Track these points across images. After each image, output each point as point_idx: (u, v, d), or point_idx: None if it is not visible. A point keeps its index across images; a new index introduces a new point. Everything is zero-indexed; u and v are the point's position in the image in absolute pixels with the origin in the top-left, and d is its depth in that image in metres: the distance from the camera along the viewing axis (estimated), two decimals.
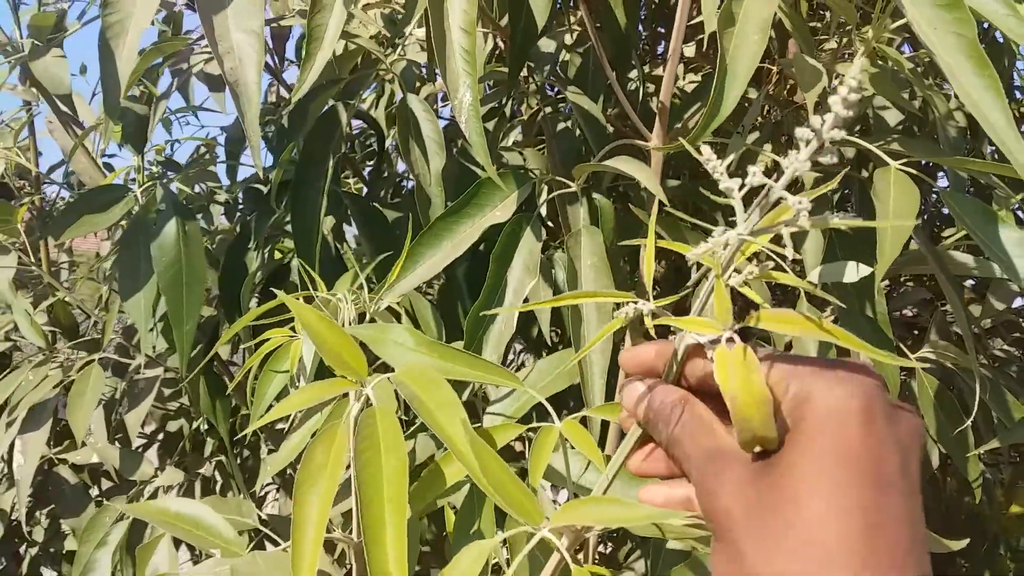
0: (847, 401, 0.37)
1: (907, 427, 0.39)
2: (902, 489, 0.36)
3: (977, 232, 0.76)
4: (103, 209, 1.03)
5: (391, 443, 0.55)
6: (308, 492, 0.55)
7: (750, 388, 0.38)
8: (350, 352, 0.62)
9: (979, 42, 0.57)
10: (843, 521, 0.35)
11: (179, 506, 0.75)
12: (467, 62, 0.77)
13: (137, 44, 0.78)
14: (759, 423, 0.38)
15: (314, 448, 0.57)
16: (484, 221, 0.86)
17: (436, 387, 0.58)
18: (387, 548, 0.52)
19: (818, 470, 0.36)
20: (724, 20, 0.64)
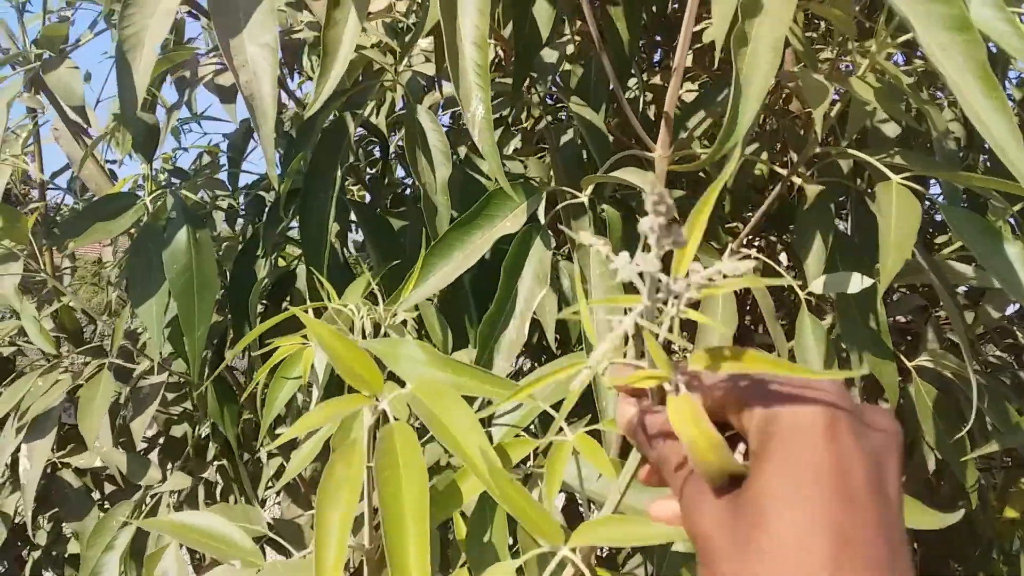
0: (811, 418, 0.37)
1: (880, 435, 0.38)
2: (875, 502, 0.36)
3: (976, 246, 0.78)
4: (113, 217, 1.04)
5: (410, 459, 0.56)
6: (329, 507, 0.56)
7: (703, 434, 0.38)
8: (365, 366, 0.63)
9: (989, 64, 0.58)
10: (811, 541, 0.34)
11: (192, 519, 0.76)
12: (479, 76, 0.78)
13: (154, 57, 0.80)
14: (718, 464, 0.38)
15: (334, 464, 0.58)
16: (495, 232, 0.87)
17: (452, 404, 0.59)
18: (410, 564, 0.53)
19: (785, 491, 0.36)
20: (738, 40, 0.65)
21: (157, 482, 1.35)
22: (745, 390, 0.39)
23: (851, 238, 1.06)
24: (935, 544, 1.77)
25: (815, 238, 0.96)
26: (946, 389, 1.18)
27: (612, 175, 0.86)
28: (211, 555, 0.74)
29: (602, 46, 0.93)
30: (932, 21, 0.62)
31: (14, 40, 1.11)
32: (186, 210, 1.05)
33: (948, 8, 0.60)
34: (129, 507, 1.29)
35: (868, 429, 0.38)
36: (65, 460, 1.52)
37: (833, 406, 0.37)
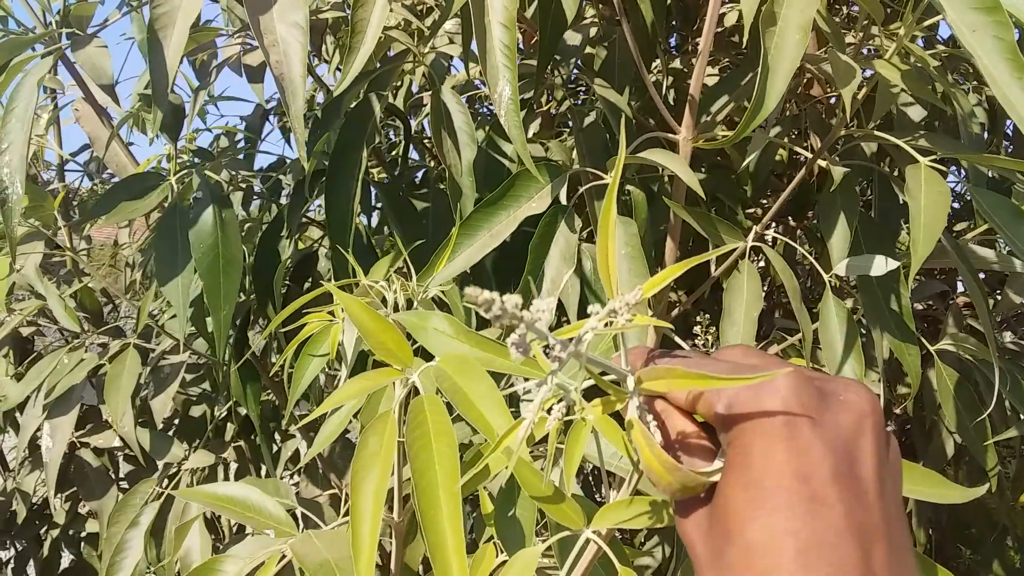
0: (767, 421, 0.36)
1: (852, 413, 0.37)
2: (842, 496, 0.34)
3: (1005, 230, 0.78)
4: (140, 196, 1.05)
5: (441, 429, 0.57)
6: (364, 479, 0.57)
7: (656, 459, 0.38)
8: (394, 340, 0.63)
9: (1018, 46, 0.59)
10: (775, 554, 0.33)
11: (228, 489, 0.77)
12: (507, 57, 0.79)
13: (185, 36, 0.80)
14: (677, 484, 0.38)
15: (367, 437, 0.59)
16: (521, 212, 0.88)
17: (478, 380, 0.59)
18: (445, 530, 0.54)
19: (747, 500, 0.35)
20: (766, 20, 0.66)
21: (179, 460, 1.36)
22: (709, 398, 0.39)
23: (874, 220, 1.06)
24: (948, 531, 1.77)
25: (840, 220, 0.96)
26: (967, 374, 1.18)
27: (639, 156, 0.86)
28: (245, 524, 0.75)
29: (629, 27, 0.93)
30: (961, 2, 0.62)
31: (40, 19, 1.11)
32: (212, 190, 1.06)
33: None
34: (152, 484, 1.30)
35: (834, 414, 0.36)
36: (84, 440, 1.54)
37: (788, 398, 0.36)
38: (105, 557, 1.26)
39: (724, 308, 0.93)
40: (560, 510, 0.58)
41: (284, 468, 1.68)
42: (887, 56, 0.84)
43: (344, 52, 0.85)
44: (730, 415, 0.37)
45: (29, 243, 1.31)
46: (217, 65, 1.18)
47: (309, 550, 0.69)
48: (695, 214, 0.92)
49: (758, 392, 0.36)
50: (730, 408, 0.37)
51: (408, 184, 1.45)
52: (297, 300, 0.81)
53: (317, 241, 1.43)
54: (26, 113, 0.95)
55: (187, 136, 1.49)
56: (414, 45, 1.09)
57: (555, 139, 1.32)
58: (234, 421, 1.58)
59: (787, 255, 1.39)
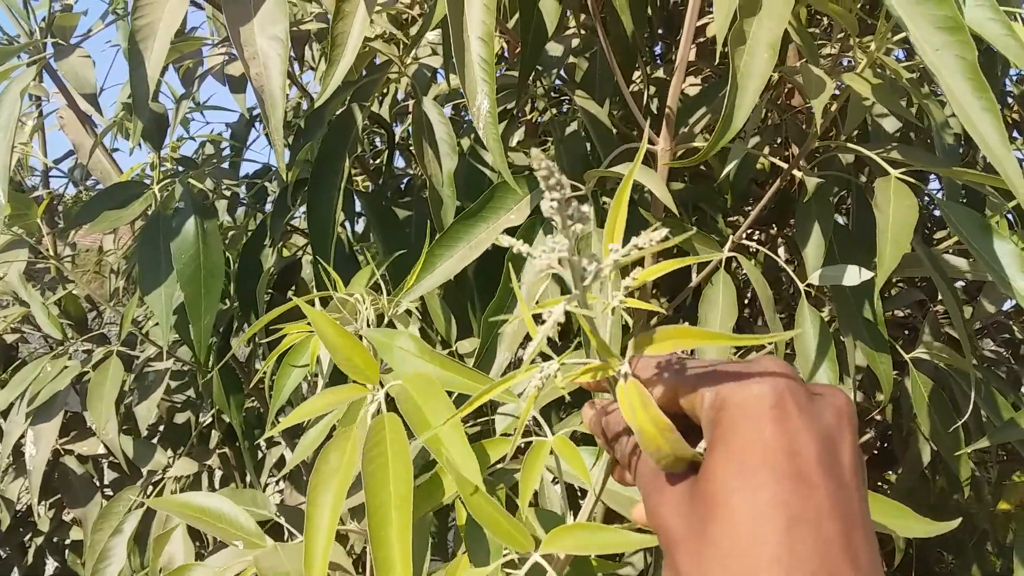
0: (758, 400, 0.36)
1: (832, 411, 0.38)
2: (827, 480, 0.35)
3: (972, 243, 0.79)
4: (123, 205, 1.06)
5: (398, 451, 0.58)
6: (321, 494, 0.58)
7: (650, 419, 0.38)
8: (362, 357, 0.64)
9: (978, 65, 0.60)
10: (763, 526, 0.34)
11: (201, 500, 0.77)
12: (485, 71, 0.80)
13: (166, 47, 0.81)
14: (668, 448, 0.38)
15: (328, 453, 0.60)
16: (499, 224, 0.88)
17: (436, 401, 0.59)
18: (393, 547, 0.55)
19: (734, 475, 0.35)
20: (735, 38, 0.67)
21: (163, 467, 1.37)
22: (692, 377, 0.39)
23: (850, 231, 1.08)
24: (930, 537, 1.79)
25: (814, 230, 0.98)
26: (942, 382, 1.20)
27: (614, 170, 0.87)
28: (216, 536, 0.76)
29: (606, 39, 0.94)
30: (925, 22, 0.64)
31: (24, 28, 1.12)
32: (194, 199, 1.06)
33: (941, 9, 0.62)
34: (136, 491, 1.31)
35: (818, 408, 0.37)
36: (68, 447, 1.54)
37: (779, 385, 0.37)
38: (89, 564, 1.26)
39: (700, 318, 0.94)
40: (507, 533, 0.58)
41: (269, 475, 1.68)
42: (859, 69, 0.86)
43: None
44: (719, 399, 0.38)
45: (12, 250, 1.31)
46: (201, 74, 1.19)
47: (272, 563, 0.70)
48: (672, 226, 0.93)
49: (750, 380, 0.37)
50: (719, 395, 0.38)
51: (393, 192, 1.46)
52: (272, 311, 0.81)
53: (301, 249, 1.44)
54: (9, 121, 0.96)
55: (171, 144, 1.49)
56: (397, 56, 1.10)
57: (539, 148, 1.33)
58: (218, 428, 1.58)
59: (768, 264, 1.40)
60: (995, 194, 1.00)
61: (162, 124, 1.14)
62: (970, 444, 1.15)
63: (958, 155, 1.12)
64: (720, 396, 0.38)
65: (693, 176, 1.41)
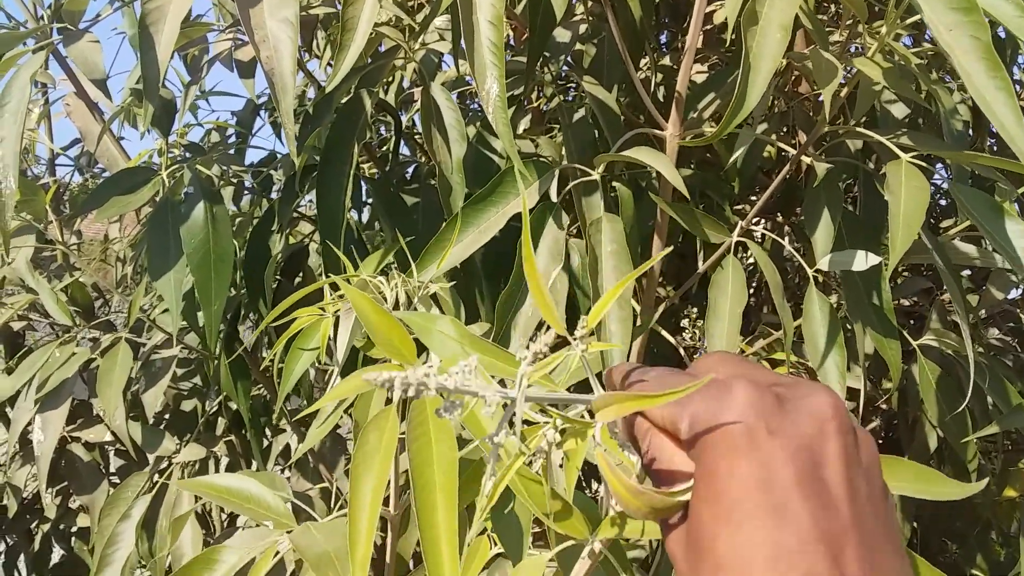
0: (727, 433, 0.36)
1: (811, 421, 0.36)
2: (807, 504, 0.34)
3: (983, 224, 0.79)
4: (131, 191, 1.06)
5: (442, 430, 0.58)
6: (364, 474, 0.58)
7: (622, 485, 0.39)
8: (400, 337, 0.63)
9: (993, 45, 0.60)
10: (743, 564, 0.34)
11: (226, 480, 0.78)
12: (494, 54, 0.80)
13: (176, 31, 0.81)
14: (644, 507, 0.39)
15: (367, 433, 0.59)
16: (509, 209, 0.89)
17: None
18: (440, 531, 0.54)
19: (713, 516, 0.35)
20: (748, 19, 0.67)
21: (171, 453, 1.37)
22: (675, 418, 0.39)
23: (857, 217, 1.08)
24: (933, 525, 1.79)
25: (824, 216, 0.98)
26: (949, 369, 1.20)
27: (624, 154, 0.87)
28: (244, 515, 0.76)
29: (616, 25, 0.94)
30: (939, 3, 0.64)
31: (31, 12, 1.12)
32: (203, 185, 1.06)
33: None
34: (144, 477, 1.31)
35: (794, 420, 0.36)
36: (75, 434, 1.54)
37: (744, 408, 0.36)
38: (97, 550, 1.27)
39: (709, 303, 0.94)
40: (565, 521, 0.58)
41: (274, 463, 1.69)
42: (869, 54, 0.85)
43: (335, 48, 0.86)
44: (694, 433, 0.37)
45: (20, 237, 1.31)
46: (208, 60, 1.19)
47: (309, 542, 0.70)
48: (681, 210, 0.93)
49: (717, 407, 0.36)
50: (692, 426, 0.37)
51: (399, 180, 1.46)
52: (290, 297, 0.81)
53: (307, 236, 1.44)
54: (19, 108, 0.96)
55: (178, 131, 1.49)
56: (404, 41, 1.10)
57: (545, 135, 1.33)
58: (225, 415, 1.59)
59: (775, 251, 1.40)
60: (1004, 180, 1.00)
61: (170, 110, 1.14)
62: (977, 431, 1.15)
63: (966, 142, 1.12)
64: (695, 425, 0.37)
65: (700, 163, 1.41)
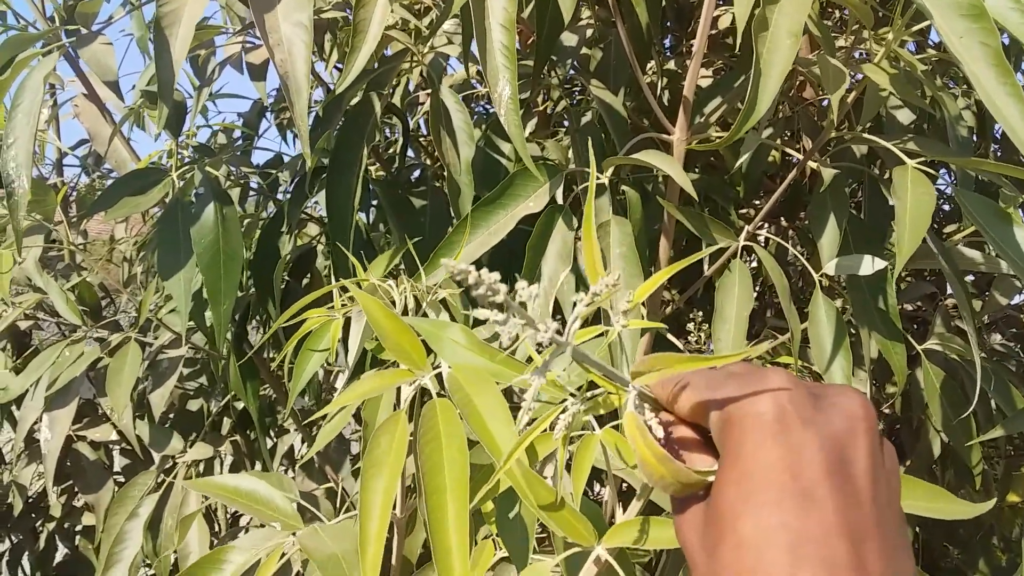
0: (760, 417, 0.36)
1: (843, 416, 0.37)
2: (833, 494, 0.34)
3: (988, 230, 0.80)
4: (142, 192, 1.07)
5: (452, 434, 0.58)
6: (374, 478, 0.59)
7: (650, 450, 0.39)
8: (411, 342, 0.64)
9: (1003, 52, 0.61)
10: (766, 547, 0.34)
11: (235, 481, 0.78)
12: (506, 58, 0.80)
13: (191, 34, 0.82)
14: (670, 476, 0.39)
15: (379, 437, 0.60)
16: (519, 211, 0.89)
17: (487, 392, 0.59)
18: (450, 534, 0.55)
19: (739, 497, 0.35)
20: (758, 25, 0.68)
21: (178, 452, 1.38)
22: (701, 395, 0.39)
23: (863, 222, 1.08)
24: (935, 530, 1.79)
25: (830, 220, 0.98)
26: (953, 373, 1.20)
27: (633, 157, 0.88)
28: (252, 516, 0.76)
29: (624, 29, 0.95)
30: (950, 10, 0.64)
31: (41, 12, 1.13)
32: (213, 186, 1.07)
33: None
34: (151, 476, 1.32)
35: (826, 414, 0.37)
36: (81, 433, 1.55)
37: (780, 399, 0.36)
38: (104, 548, 1.27)
39: (716, 307, 0.95)
40: (571, 526, 0.58)
41: (279, 463, 1.69)
42: (876, 60, 0.86)
43: (343, 51, 0.87)
44: (724, 417, 0.38)
45: (30, 236, 1.32)
46: (220, 63, 1.20)
47: (317, 543, 0.70)
48: (688, 214, 0.94)
49: (749, 400, 0.37)
50: (724, 411, 0.38)
51: (405, 182, 1.46)
52: (300, 300, 0.82)
53: (315, 238, 1.45)
54: (32, 108, 0.97)
55: (188, 132, 1.50)
56: (413, 45, 1.11)
57: (551, 139, 1.34)
58: (230, 416, 1.59)
59: (779, 255, 1.41)
60: (1009, 186, 1.00)
61: (181, 112, 1.15)
62: (981, 436, 1.15)
63: (971, 148, 1.13)
64: (725, 415, 0.38)
65: (705, 168, 1.41)
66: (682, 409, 0.41)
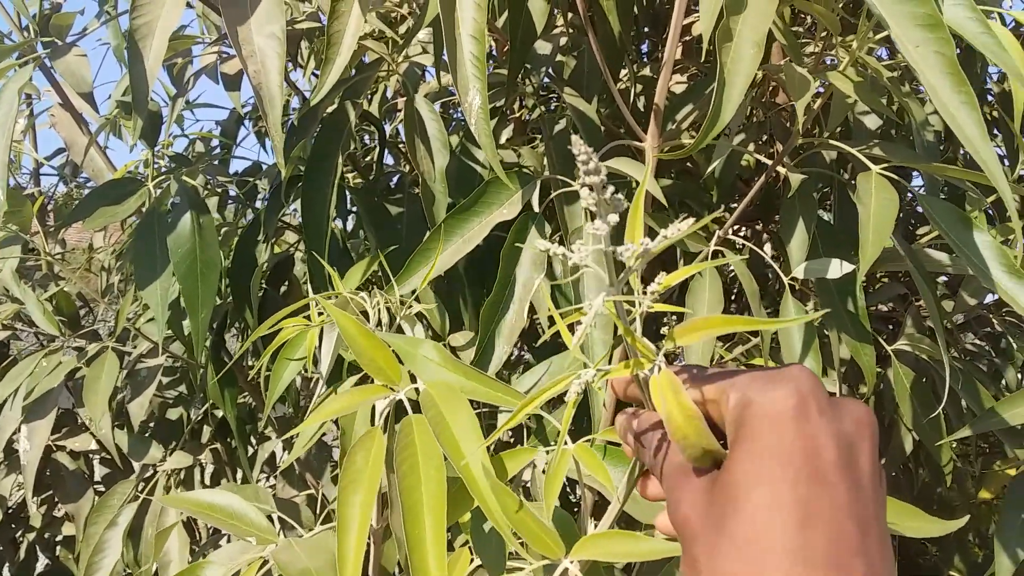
0: (782, 401, 0.38)
1: (853, 419, 0.39)
2: (844, 481, 0.36)
3: (950, 235, 0.81)
4: (118, 201, 1.07)
5: (428, 452, 0.59)
6: (352, 493, 0.59)
7: (680, 407, 0.40)
8: (385, 358, 0.64)
9: (957, 61, 0.62)
10: (777, 518, 0.35)
11: (210, 496, 0.78)
12: (477, 68, 0.81)
13: (165, 45, 0.82)
14: (695, 436, 0.40)
15: (355, 453, 0.60)
16: (492, 219, 0.90)
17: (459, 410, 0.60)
18: (428, 551, 0.56)
19: (754, 470, 0.37)
20: (722, 35, 0.69)
21: (158, 461, 1.38)
22: (719, 380, 0.41)
23: (833, 226, 1.10)
24: None
25: (798, 225, 1.00)
26: (924, 373, 1.22)
27: (605, 164, 0.89)
28: (227, 531, 0.77)
29: (595, 38, 0.96)
30: (906, 20, 0.66)
31: (16, 23, 1.13)
32: (189, 195, 1.08)
33: (921, 7, 0.64)
34: (130, 485, 1.32)
35: (839, 414, 0.39)
36: (60, 443, 1.55)
37: (803, 389, 0.38)
38: (84, 557, 1.27)
39: (687, 311, 0.96)
40: (539, 539, 0.59)
41: (260, 471, 1.69)
42: (842, 68, 0.88)
43: (319, 58, 0.88)
44: (744, 401, 0.39)
45: (7, 247, 1.32)
46: (195, 73, 1.20)
47: (290, 558, 0.70)
48: (660, 220, 0.96)
49: (771, 383, 0.39)
50: (744, 395, 0.39)
51: (383, 189, 1.47)
52: (277, 313, 0.83)
53: (293, 245, 1.45)
54: (7, 120, 0.97)
55: (164, 142, 1.51)
56: (388, 54, 1.12)
57: (527, 145, 1.35)
58: (210, 424, 1.59)
59: (755, 259, 1.43)
60: (975, 190, 1.02)
61: (157, 122, 1.15)
62: (951, 434, 1.17)
63: (938, 152, 1.15)
64: (745, 397, 0.39)
65: (679, 173, 1.43)
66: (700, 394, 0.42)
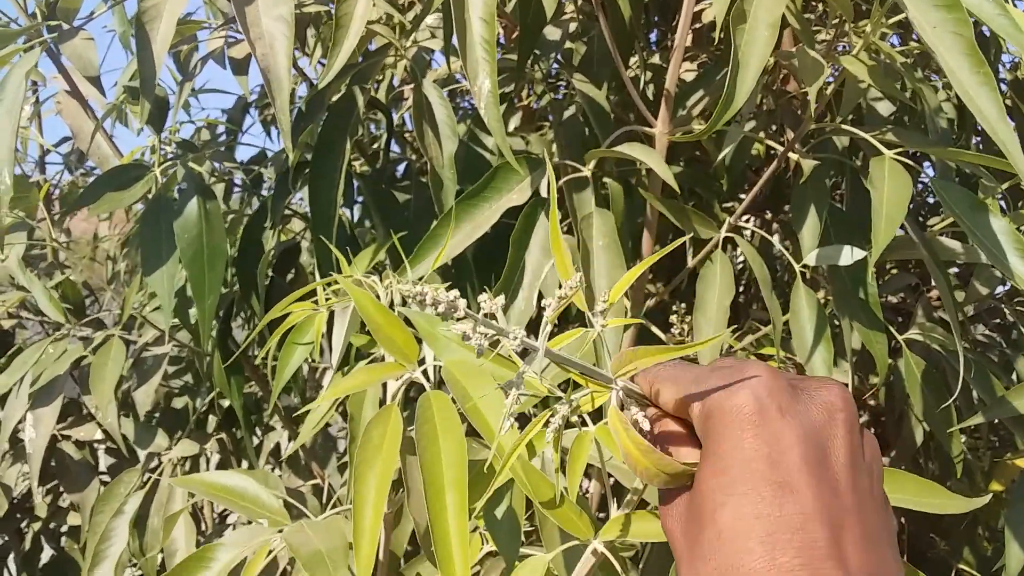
0: (738, 409, 0.37)
1: (822, 407, 0.38)
2: (811, 483, 0.35)
3: (965, 220, 0.80)
4: (124, 187, 1.06)
5: (449, 426, 0.58)
6: (367, 471, 0.59)
7: (634, 443, 0.40)
8: (402, 337, 0.64)
9: (975, 42, 0.61)
10: (744, 535, 0.34)
11: (222, 478, 0.78)
12: (487, 51, 0.80)
13: (173, 29, 0.82)
14: (655, 467, 0.39)
15: (371, 431, 0.60)
16: (501, 204, 0.90)
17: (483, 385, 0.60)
18: (450, 527, 0.55)
19: (719, 486, 0.36)
20: (736, 17, 0.68)
21: (163, 450, 1.37)
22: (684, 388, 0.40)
23: (844, 213, 1.09)
24: (922, 521, 1.80)
25: (810, 211, 0.99)
26: (935, 363, 1.21)
27: (615, 150, 0.89)
28: (240, 513, 0.76)
29: (604, 24, 0.95)
30: (923, 1, 0.65)
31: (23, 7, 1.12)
32: (196, 181, 1.07)
33: None
34: (136, 474, 1.32)
35: (805, 405, 0.37)
36: (65, 432, 1.54)
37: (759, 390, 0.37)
38: (90, 546, 1.27)
39: (697, 297, 0.96)
40: (571, 521, 0.59)
41: (265, 461, 1.69)
42: (855, 52, 0.87)
43: (326, 46, 0.87)
44: (705, 411, 0.38)
45: (13, 234, 1.31)
46: (202, 58, 1.19)
47: (302, 540, 0.70)
48: (671, 206, 0.95)
49: (731, 388, 0.37)
50: (704, 404, 0.38)
51: (390, 177, 1.46)
52: (286, 298, 0.82)
53: (299, 233, 1.45)
54: (14, 105, 0.96)
55: (171, 128, 1.50)
56: (396, 39, 1.11)
57: (535, 132, 1.34)
58: (216, 413, 1.59)
59: (764, 247, 1.42)
60: (988, 176, 1.01)
61: (164, 108, 1.15)
62: (961, 423, 1.16)
63: (951, 139, 1.13)
64: (706, 407, 0.38)
65: (689, 161, 1.42)
66: (667, 404, 0.42)
